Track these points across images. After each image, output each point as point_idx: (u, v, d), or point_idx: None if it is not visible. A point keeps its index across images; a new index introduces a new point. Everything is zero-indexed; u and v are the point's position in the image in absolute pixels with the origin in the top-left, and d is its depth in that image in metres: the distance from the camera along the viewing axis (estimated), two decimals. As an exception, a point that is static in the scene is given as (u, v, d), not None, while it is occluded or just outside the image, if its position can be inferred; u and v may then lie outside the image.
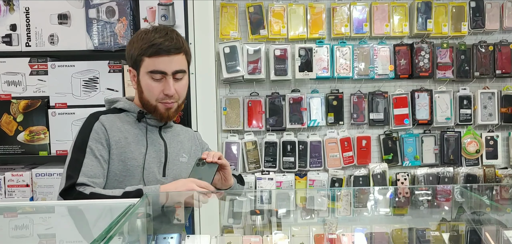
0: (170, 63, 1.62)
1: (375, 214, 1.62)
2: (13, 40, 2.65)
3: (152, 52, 1.60)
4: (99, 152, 1.59)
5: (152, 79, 1.63)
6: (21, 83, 2.66)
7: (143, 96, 1.67)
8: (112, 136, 1.63)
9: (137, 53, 1.63)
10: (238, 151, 2.95)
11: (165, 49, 1.60)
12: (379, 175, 2.96)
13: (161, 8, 2.66)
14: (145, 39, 1.61)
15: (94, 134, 1.60)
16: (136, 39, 1.65)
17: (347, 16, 2.96)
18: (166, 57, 1.61)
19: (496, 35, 3.05)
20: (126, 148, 1.63)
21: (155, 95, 1.64)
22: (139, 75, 1.66)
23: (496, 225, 1.47)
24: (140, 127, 1.70)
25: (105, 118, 1.66)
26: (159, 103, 1.66)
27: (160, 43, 1.59)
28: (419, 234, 1.41)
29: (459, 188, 2.08)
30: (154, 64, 1.61)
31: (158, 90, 1.63)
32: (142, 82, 1.65)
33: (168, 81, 1.63)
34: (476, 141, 3.02)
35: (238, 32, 2.94)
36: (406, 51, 2.99)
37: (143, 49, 1.61)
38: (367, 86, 3.05)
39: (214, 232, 1.26)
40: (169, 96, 1.64)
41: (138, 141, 1.66)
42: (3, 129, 2.64)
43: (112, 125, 1.65)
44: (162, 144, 1.72)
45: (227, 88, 3.02)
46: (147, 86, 1.64)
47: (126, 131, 1.66)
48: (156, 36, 1.60)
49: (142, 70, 1.64)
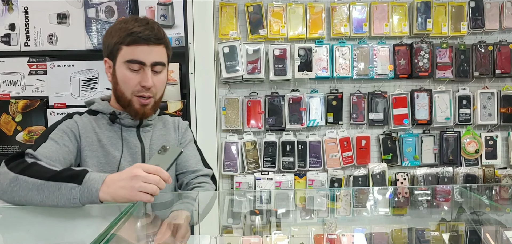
0: (149, 53, 1.51)
1: (375, 214, 1.62)
2: (12, 39, 2.64)
3: (131, 41, 1.49)
4: (62, 141, 1.47)
5: (129, 69, 1.51)
6: (20, 83, 2.66)
7: (118, 88, 1.55)
8: (85, 136, 1.53)
9: (115, 41, 1.52)
10: (237, 151, 2.95)
11: (144, 38, 1.49)
12: (378, 175, 2.96)
13: (160, 7, 2.66)
14: (124, 28, 1.51)
15: (62, 126, 1.51)
16: (114, 28, 1.54)
17: (347, 16, 2.96)
18: (145, 46, 1.50)
19: (495, 35, 3.06)
20: (99, 151, 1.53)
21: (131, 87, 1.52)
22: (115, 65, 1.54)
23: (495, 225, 1.47)
24: (115, 129, 1.59)
25: (79, 118, 1.58)
26: (134, 97, 1.54)
27: (139, 31, 1.49)
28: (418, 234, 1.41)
29: (458, 188, 2.08)
30: (132, 54, 1.50)
31: (134, 81, 1.52)
32: (118, 72, 1.54)
33: (146, 73, 1.51)
34: (475, 141, 3.02)
35: (237, 32, 2.93)
36: (406, 51, 2.99)
37: (121, 37, 1.50)
38: (367, 86, 3.05)
39: (213, 232, 1.26)
40: (146, 88, 1.52)
41: (112, 144, 1.56)
42: (1, 128, 2.63)
43: (86, 126, 1.56)
44: (139, 145, 1.59)
45: (227, 88, 3.02)
46: (123, 77, 1.52)
47: (100, 133, 1.56)
48: (136, 25, 1.50)
49: (118, 60, 1.53)
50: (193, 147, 1.77)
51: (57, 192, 1.22)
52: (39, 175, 1.25)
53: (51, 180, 1.23)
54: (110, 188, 1.23)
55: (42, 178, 1.24)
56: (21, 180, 1.24)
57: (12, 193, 1.25)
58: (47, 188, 1.23)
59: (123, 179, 1.24)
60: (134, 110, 1.55)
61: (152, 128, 1.65)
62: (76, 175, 1.24)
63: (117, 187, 1.23)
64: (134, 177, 1.23)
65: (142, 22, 1.52)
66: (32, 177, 1.24)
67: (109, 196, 1.23)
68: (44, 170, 1.27)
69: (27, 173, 1.25)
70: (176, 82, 2.70)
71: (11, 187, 1.25)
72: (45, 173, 1.26)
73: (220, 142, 2.99)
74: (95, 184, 1.23)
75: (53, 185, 1.23)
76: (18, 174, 1.25)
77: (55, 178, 1.24)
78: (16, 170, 1.26)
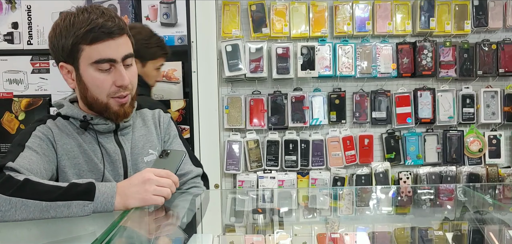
0: (117, 47, 1.31)
1: (378, 213, 1.62)
2: (14, 38, 2.65)
3: (93, 38, 1.28)
4: (41, 150, 1.31)
5: (98, 70, 1.31)
6: (23, 82, 2.66)
7: (89, 94, 1.35)
8: (61, 143, 1.36)
9: (72, 41, 1.29)
10: (240, 150, 2.94)
11: (108, 32, 1.28)
12: (381, 174, 2.95)
13: (163, 6, 2.66)
14: (78, 24, 1.29)
15: (37, 133, 1.34)
16: (64, 26, 1.31)
17: (350, 14, 2.95)
18: (111, 41, 1.30)
19: (499, 34, 3.04)
20: (80, 158, 1.37)
21: (106, 90, 1.34)
22: (78, 69, 1.33)
23: (499, 224, 1.46)
24: (91, 134, 1.41)
25: (52, 123, 1.40)
26: (111, 100, 1.35)
27: (101, 25, 1.28)
28: (421, 233, 1.41)
29: (462, 187, 2.07)
30: (99, 53, 1.29)
31: (108, 83, 1.33)
32: (85, 77, 1.33)
33: (119, 70, 1.33)
34: (479, 140, 3.01)
35: (240, 30, 2.93)
36: (409, 49, 2.98)
37: (79, 35, 1.28)
38: (370, 85, 3.04)
39: (216, 231, 1.26)
40: (123, 87, 1.34)
41: (92, 151, 1.39)
42: (4, 127, 2.64)
43: (61, 131, 1.38)
44: (118, 152, 1.42)
45: (229, 86, 3.01)
46: (94, 81, 1.33)
47: (79, 138, 1.39)
48: (93, 17, 1.28)
49: (82, 63, 1.32)
50: (179, 143, 1.62)
51: (67, 211, 1.14)
52: (41, 196, 1.14)
53: (58, 200, 1.14)
54: (123, 198, 1.20)
55: (46, 199, 1.14)
56: (16, 202, 1.12)
57: (4, 217, 1.12)
58: (53, 209, 1.14)
59: (135, 185, 1.21)
60: (114, 113, 1.38)
61: (130, 129, 1.48)
62: (86, 191, 1.17)
63: (130, 196, 1.20)
64: (147, 180, 1.21)
65: (97, 12, 1.30)
66: (32, 199, 1.13)
67: (123, 206, 1.20)
68: (44, 188, 1.16)
69: (23, 195, 1.13)
70: (178, 80, 2.70)
71: (2, 211, 1.11)
72: (47, 192, 1.15)
73: (222, 140, 2.98)
74: (109, 198, 1.18)
75: (62, 205, 1.14)
76: (10, 196, 1.12)
77: (62, 197, 1.15)
78: (5, 191, 1.12)
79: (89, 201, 1.16)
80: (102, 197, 1.18)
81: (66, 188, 1.17)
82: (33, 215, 1.13)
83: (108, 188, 1.20)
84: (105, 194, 1.18)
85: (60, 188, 1.16)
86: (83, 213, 1.15)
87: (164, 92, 2.69)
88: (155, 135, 1.54)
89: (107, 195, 1.18)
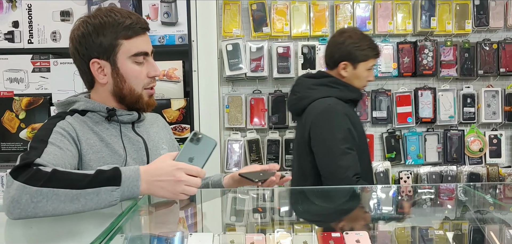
0: (147, 42, 1.50)
1: (378, 213, 1.62)
2: (15, 37, 2.65)
3: (132, 33, 1.44)
4: (64, 145, 1.35)
5: (135, 63, 1.47)
6: (24, 80, 2.66)
7: (126, 86, 1.47)
8: (84, 138, 1.42)
9: (111, 38, 1.43)
10: (241, 149, 2.94)
11: (141, 28, 1.46)
12: (382, 174, 2.95)
13: (164, 5, 2.65)
14: (110, 23, 1.43)
15: (58, 129, 1.38)
16: (99, 26, 1.43)
17: (350, 13, 2.95)
18: (143, 36, 1.48)
19: (500, 33, 3.04)
20: (103, 152, 1.43)
21: (142, 80, 1.49)
22: (116, 63, 1.45)
23: (499, 224, 1.46)
24: (113, 127, 1.50)
25: (71, 119, 1.45)
26: (144, 91, 1.50)
27: (135, 22, 1.45)
28: (422, 232, 1.40)
29: (462, 186, 2.07)
30: (136, 46, 1.45)
31: (143, 74, 1.48)
32: (124, 69, 1.46)
33: (151, 62, 1.50)
34: (479, 140, 3.01)
35: (240, 29, 2.93)
36: (410, 49, 2.98)
37: (117, 33, 1.43)
38: (370, 84, 3.03)
39: (216, 230, 1.26)
40: (154, 78, 1.52)
41: (115, 143, 1.47)
42: (5, 126, 2.64)
43: (82, 126, 1.44)
44: (141, 140, 1.54)
45: (230, 86, 3.02)
46: (133, 73, 1.47)
47: (100, 132, 1.46)
48: (124, 16, 1.44)
49: (120, 57, 1.45)
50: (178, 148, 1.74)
51: (96, 198, 1.17)
52: (70, 184, 1.16)
53: (87, 187, 1.17)
54: (149, 185, 1.23)
55: (75, 186, 1.16)
56: (47, 192, 1.14)
57: (36, 209, 1.14)
58: (83, 196, 1.16)
59: (163, 180, 1.23)
60: (145, 103, 1.51)
61: (144, 122, 1.60)
62: (113, 177, 1.20)
63: (157, 186, 1.24)
64: (177, 182, 1.23)
65: (125, 13, 1.46)
66: (62, 188, 1.15)
67: (148, 192, 1.25)
68: (74, 177, 1.19)
69: (52, 185, 1.15)
70: (179, 80, 2.70)
71: (34, 203, 1.13)
72: (77, 180, 1.17)
73: (223, 139, 2.98)
74: (134, 182, 1.21)
75: (91, 192, 1.17)
76: (41, 187, 1.14)
77: (91, 184, 1.17)
78: (36, 183, 1.14)
79: (116, 186, 1.19)
80: (129, 181, 1.21)
81: (93, 175, 1.19)
82: (64, 205, 1.15)
83: (132, 172, 1.23)
84: (130, 178, 1.21)
85: (88, 175, 1.19)
86: (111, 198, 1.19)
87: (164, 91, 2.69)
88: (163, 133, 1.67)
89: (133, 180, 1.22)
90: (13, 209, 1.14)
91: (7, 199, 1.15)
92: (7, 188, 1.16)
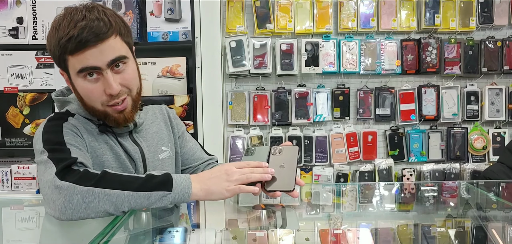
0: (100, 54, 1.23)
1: (381, 210, 1.62)
2: (19, 33, 2.66)
3: (73, 48, 1.21)
4: (80, 145, 1.28)
5: (87, 80, 1.26)
6: (28, 76, 2.67)
7: (85, 103, 1.32)
8: (88, 141, 1.33)
9: (58, 52, 1.25)
10: (244, 146, 2.95)
11: (85, 41, 1.20)
12: (384, 171, 2.95)
13: (168, 1, 2.66)
14: (60, 32, 1.23)
15: (66, 131, 1.29)
16: (52, 32, 1.26)
17: (354, 10, 2.95)
18: (93, 49, 1.22)
19: (504, 31, 3.03)
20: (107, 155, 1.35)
21: (98, 98, 1.28)
22: (71, 79, 1.31)
23: (502, 222, 1.46)
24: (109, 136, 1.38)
25: (74, 120, 1.35)
26: (107, 108, 1.30)
27: (77, 35, 1.19)
28: (424, 230, 1.41)
29: (465, 184, 2.07)
30: (81, 62, 1.23)
31: (98, 92, 1.27)
32: (77, 87, 1.29)
33: (106, 78, 1.25)
34: (483, 137, 3.00)
35: (244, 26, 2.93)
36: (413, 46, 2.97)
37: (61, 47, 1.23)
38: (374, 82, 3.03)
39: (218, 226, 1.26)
40: (113, 96, 1.27)
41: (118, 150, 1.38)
42: (9, 121, 2.65)
43: (85, 129, 1.34)
44: (137, 150, 1.41)
45: (233, 82, 3.02)
46: (85, 91, 1.28)
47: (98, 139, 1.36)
48: (71, 26, 1.21)
49: (71, 73, 1.28)
50: (190, 136, 1.67)
51: (146, 201, 1.16)
52: (121, 186, 1.15)
53: (138, 190, 1.15)
54: (202, 184, 1.21)
55: (126, 188, 1.15)
56: (98, 193, 1.13)
57: (88, 210, 1.12)
58: (134, 199, 1.15)
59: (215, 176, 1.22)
60: (115, 121, 1.33)
61: (143, 126, 1.47)
62: (164, 182, 1.18)
63: (210, 183, 1.21)
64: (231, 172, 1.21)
65: (75, 20, 1.22)
66: (114, 189, 1.14)
67: (201, 193, 1.21)
68: (125, 179, 1.18)
69: (105, 185, 1.14)
70: (182, 76, 2.71)
71: (85, 203, 1.12)
72: (128, 182, 1.16)
73: (226, 136, 2.99)
74: (186, 189, 1.19)
75: (142, 195, 1.15)
76: (92, 187, 1.13)
77: (142, 188, 1.16)
78: (86, 183, 1.13)
79: (168, 191, 1.17)
80: (179, 187, 1.18)
81: (145, 178, 1.18)
82: (115, 206, 1.14)
83: (184, 179, 1.20)
84: (181, 184, 1.19)
85: (139, 178, 1.18)
86: (161, 204, 1.17)
87: (168, 87, 2.70)
88: (166, 131, 1.55)
89: (183, 185, 1.19)
90: (65, 210, 1.12)
91: (58, 201, 1.12)
92: (54, 189, 1.13)
